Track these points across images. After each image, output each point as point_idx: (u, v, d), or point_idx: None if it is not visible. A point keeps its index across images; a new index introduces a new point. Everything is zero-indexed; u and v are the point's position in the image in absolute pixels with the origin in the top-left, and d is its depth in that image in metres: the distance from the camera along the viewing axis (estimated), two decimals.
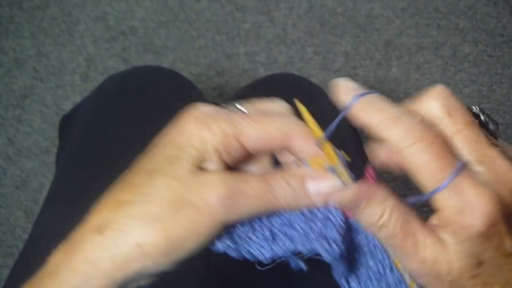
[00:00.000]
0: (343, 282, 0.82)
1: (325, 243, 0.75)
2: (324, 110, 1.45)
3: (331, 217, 0.77)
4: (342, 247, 0.76)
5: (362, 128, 0.73)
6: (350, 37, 2.97)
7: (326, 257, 0.75)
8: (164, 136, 0.77)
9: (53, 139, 2.69)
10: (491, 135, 0.75)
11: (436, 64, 2.91)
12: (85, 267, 0.72)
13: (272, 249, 0.80)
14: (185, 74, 1.66)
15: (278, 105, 0.83)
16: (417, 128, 0.68)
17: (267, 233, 0.80)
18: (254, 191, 0.73)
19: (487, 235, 0.66)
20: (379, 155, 0.77)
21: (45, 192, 1.75)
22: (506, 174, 0.68)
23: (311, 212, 0.78)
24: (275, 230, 0.80)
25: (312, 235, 0.77)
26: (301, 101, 0.79)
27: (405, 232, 0.70)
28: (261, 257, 0.80)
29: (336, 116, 0.76)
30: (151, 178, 0.73)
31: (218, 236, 0.78)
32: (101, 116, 1.49)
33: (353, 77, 2.86)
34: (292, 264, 0.82)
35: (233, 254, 0.80)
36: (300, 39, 2.96)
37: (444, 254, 0.68)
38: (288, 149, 0.79)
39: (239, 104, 0.83)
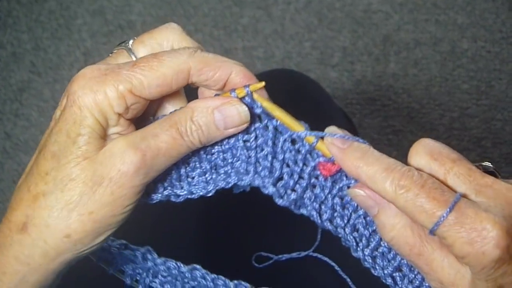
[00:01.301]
0: (367, 259, 0.80)
1: (281, 189, 0.76)
2: (321, 105, 1.45)
3: (291, 163, 0.77)
4: (298, 194, 0.76)
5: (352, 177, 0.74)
6: (348, 32, 2.96)
7: (282, 203, 0.76)
8: (59, 110, 0.74)
9: None
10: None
11: (434, 59, 2.91)
12: (18, 268, 0.73)
13: (214, 182, 0.80)
14: None
15: (169, 33, 0.79)
16: (406, 175, 0.68)
17: (207, 166, 0.80)
18: (166, 144, 0.72)
19: (503, 258, 0.64)
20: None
21: None
22: (507, 195, 0.67)
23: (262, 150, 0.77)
24: (216, 161, 0.80)
25: (264, 170, 0.77)
26: (299, 97, 0.78)
27: (417, 252, 0.70)
28: (203, 194, 0.80)
29: (332, 111, 0.76)
30: (59, 162, 0.71)
31: (149, 190, 0.78)
32: None
33: (351, 72, 2.86)
34: (235, 190, 0.82)
35: (175, 199, 0.81)
36: (298, 34, 2.95)
37: (463, 278, 0.68)
38: (192, 83, 0.76)
39: (130, 45, 0.80)
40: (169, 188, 0.80)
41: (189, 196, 0.81)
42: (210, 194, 0.80)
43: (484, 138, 2.70)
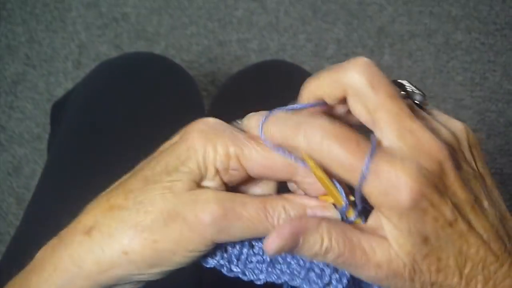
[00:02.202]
0: None
1: None
2: None
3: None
4: None
5: (282, 146, 0.71)
6: (343, 24, 2.96)
7: None
8: (170, 145, 0.76)
9: (45, 125, 2.68)
10: (418, 105, 0.74)
11: (429, 51, 2.92)
12: (69, 267, 0.73)
13: (268, 273, 0.79)
14: (177, 61, 1.67)
15: None
16: (318, 126, 0.67)
17: (267, 258, 0.79)
18: (249, 215, 0.71)
19: (420, 208, 0.64)
20: None
21: (37, 179, 1.77)
22: (428, 145, 0.66)
23: None
24: (277, 256, 0.78)
25: (313, 276, 0.75)
26: (293, 88, 0.78)
27: (350, 247, 0.68)
28: (254, 279, 0.79)
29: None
30: (147, 186, 0.72)
31: (209, 252, 0.77)
32: (92, 103, 1.49)
33: None
34: None
35: (226, 273, 0.80)
36: (292, 26, 2.95)
37: (393, 250, 0.68)
38: (293, 182, 0.76)
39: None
40: (226, 260, 0.79)
41: (240, 276, 0.80)
42: (259, 283, 0.80)
43: (479, 129, 2.71)
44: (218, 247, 0.78)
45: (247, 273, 0.80)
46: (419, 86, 0.76)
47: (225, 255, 0.79)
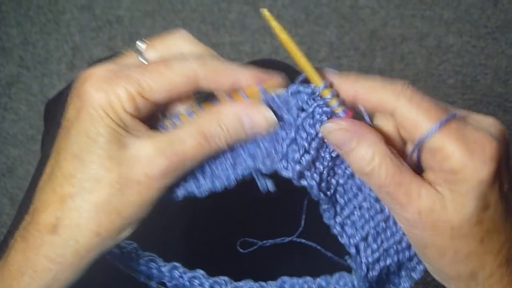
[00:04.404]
0: (336, 227, 0.81)
1: (284, 162, 0.76)
2: None
3: (298, 139, 0.76)
4: (302, 166, 0.76)
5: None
6: (335, 28, 2.98)
7: (287, 175, 0.76)
8: (73, 110, 0.74)
9: (39, 127, 2.69)
10: None
11: (420, 54, 2.93)
12: (50, 266, 0.74)
13: (234, 171, 0.80)
14: None
15: (180, 40, 0.80)
16: (408, 85, 0.71)
17: (228, 156, 0.80)
18: (192, 149, 0.73)
19: (498, 173, 0.66)
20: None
21: None
22: (490, 118, 0.71)
23: (277, 133, 0.77)
24: (238, 149, 0.80)
25: (275, 155, 0.77)
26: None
27: (397, 182, 0.69)
28: (225, 185, 0.81)
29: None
30: (82, 163, 0.72)
31: (175, 186, 0.79)
32: None
33: (338, 67, 2.88)
34: (259, 184, 0.81)
35: (197, 194, 0.81)
36: (285, 29, 2.95)
37: (442, 203, 0.68)
38: (201, 89, 0.77)
39: (140, 44, 0.80)
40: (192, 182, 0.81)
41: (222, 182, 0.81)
42: (231, 186, 0.81)
43: None
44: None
45: (217, 183, 0.81)
46: None
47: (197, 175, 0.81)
